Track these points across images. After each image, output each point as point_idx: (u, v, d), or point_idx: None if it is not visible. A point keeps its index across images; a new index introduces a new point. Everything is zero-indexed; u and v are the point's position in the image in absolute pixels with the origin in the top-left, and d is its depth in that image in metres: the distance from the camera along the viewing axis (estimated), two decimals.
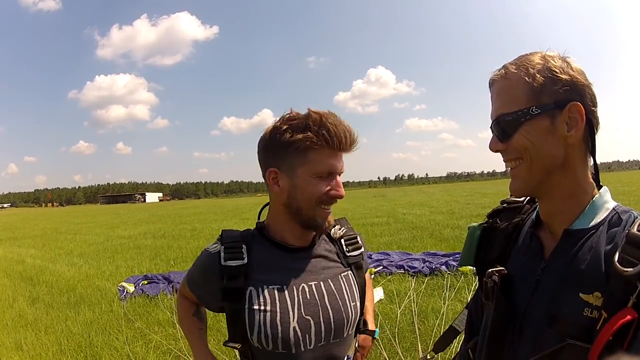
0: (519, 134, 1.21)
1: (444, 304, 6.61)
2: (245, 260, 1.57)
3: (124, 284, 9.38)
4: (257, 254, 1.61)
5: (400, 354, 5.11)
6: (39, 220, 42.45)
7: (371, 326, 1.93)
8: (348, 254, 1.74)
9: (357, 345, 1.89)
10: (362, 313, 1.77)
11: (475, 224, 1.53)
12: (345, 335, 1.65)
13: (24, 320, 7.58)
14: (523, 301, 1.27)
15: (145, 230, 23.89)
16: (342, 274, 1.69)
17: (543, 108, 1.18)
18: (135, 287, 9.11)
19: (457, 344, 3.23)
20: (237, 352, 1.66)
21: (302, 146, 1.50)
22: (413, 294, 7.14)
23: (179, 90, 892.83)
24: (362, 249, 1.81)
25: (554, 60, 1.19)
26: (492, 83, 1.30)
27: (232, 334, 1.59)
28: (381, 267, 9.17)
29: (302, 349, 1.55)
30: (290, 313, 1.54)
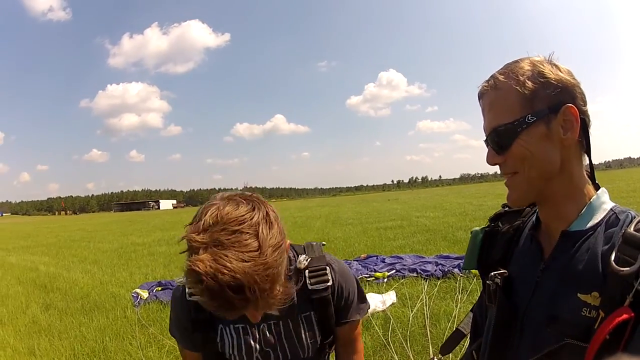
0: (517, 144, 1.20)
1: (456, 306, 6.55)
2: None
3: (137, 290, 9.40)
4: None
5: (412, 357, 5.09)
6: (52, 228, 42.74)
7: None
8: (310, 287, 1.67)
9: None
10: (327, 339, 1.77)
11: (477, 228, 1.54)
12: (303, 358, 1.72)
13: (37, 326, 7.63)
14: (523, 302, 1.28)
15: (159, 237, 23.96)
16: (302, 315, 1.69)
17: (538, 115, 1.17)
18: (149, 293, 9.13)
19: (463, 346, 3.22)
20: None
21: None
22: (425, 297, 7.08)
23: (191, 98, 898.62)
24: (329, 282, 1.68)
25: (542, 65, 1.19)
26: (481, 95, 1.29)
27: (207, 352, 1.70)
28: (394, 270, 9.14)
29: None
30: (253, 346, 1.64)
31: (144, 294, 9.00)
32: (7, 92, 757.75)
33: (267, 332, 1.66)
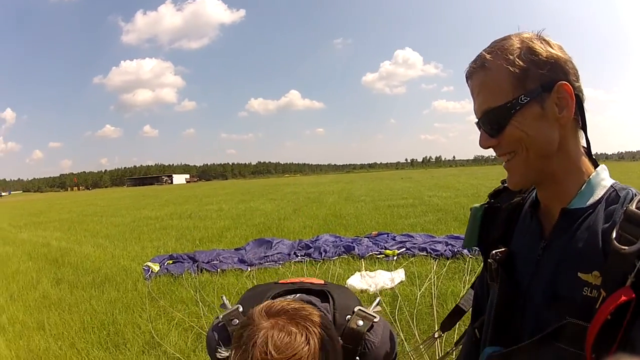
0: (511, 126, 1.17)
1: (464, 287, 6.53)
2: None
3: (149, 263, 9.46)
4: None
5: (417, 335, 5.11)
6: (64, 204, 43.02)
7: None
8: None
9: None
10: None
11: (477, 205, 1.53)
12: None
13: (47, 300, 7.68)
14: (525, 281, 1.27)
15: (172, 211, 24.22)
16: None
17: (531, 94, 1.13)
18: (160, 266, 9.19)
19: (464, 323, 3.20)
20: None
21: None
22: (434, 277, 7.09)
23: (206, 73, 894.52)
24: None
25: (532, 42, 1.15)
26: (469, 76, 1.25)
27: None
28: (404, 249, 9.15)
29: None
30: None
31: (155, 267, 9.06)
32: (19, 72, 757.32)
33: None
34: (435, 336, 2.06)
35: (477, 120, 1.26)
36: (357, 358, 1.63)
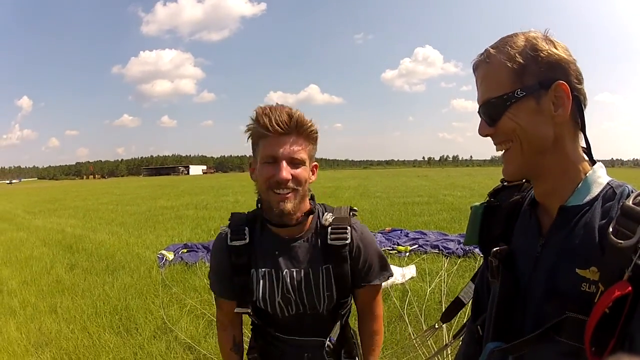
0: (506, 117, 1.22)
1: None
2: (247, 240, 1.84)
3: (163, 251, 9.52)
4: (257, 237, 1.89)
5: (413, 334, 5.10)
6: (80, 192, 43.45)
7: None
8: (329, 242, 1.84)
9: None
10: (344, 298, 1.92)
11: (477, 203, 1.57)
12: (320, 311, 1.88)
13: (61, 285, 7.76)
14: (524, 278, 1.30)
15: (188, 202, 24.38)
16: (322, 267, 1.85)
17: (527, 90, 1.18)
18: (174, 255, 9.24)
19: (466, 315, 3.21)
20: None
21: (253, 136, 1.75)
22: (444, 274, 7.12)
23: (225, 65, 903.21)
24: (347, 241, 1.85)
25: (536, 40, 1.19)
26: (475, 68, 1.31)
27: (242, 301, 1.88)
28: (417, 245, 9.19)
29: (287, 314, 1.88)
30: (276, 291, 1.84)
31: (170, 256, 9.10)
32: (37, 59, 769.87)
33: (289, 279, 1.83)
34: (436, 326, 2.12)
35: (477, 109, 1.32)
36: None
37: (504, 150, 1.29)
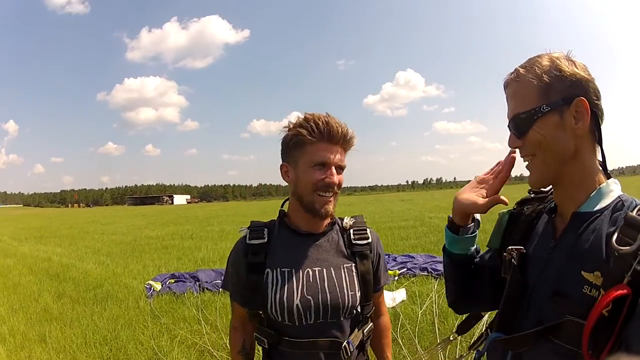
0: (533, 130, 1.34)
1: None
2: (266, 240, 1.92)
3: (151, 282, 9.43)
4: (275, 236, 1.96)
5: (420, 351, 5.21)
6: (65, 220, 43.14)
7: None
8: (354, 242, 1.98)
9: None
10: (366, 300, 1.98)
11: (504, 210, 1.65)
12: (342, 318, 1.89)
13: (48, 314, 7.69)
14: (533, 278, 1.40)
15: (173, 231, 24.16)
16: (344, 265, 1.94)
17: (552, 105, 1.30)
18: (162, 285, 9.17)
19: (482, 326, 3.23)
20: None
21: (300, 141, 1.83)
22: (435, 296, 7.13)
23: (209, 93, 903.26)
24: (369, 240, 2.01)
25: (559, 60, 1.32)
26: (506, 85, 1.44)
27: (254, 304, 1.90)
28: (405, 269, 9.22)
29: (304, 323, 1.84)
30: (295, 292, 1.84)
31: (157, 286, 9.03)
32: (24, 85, 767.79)
33: (311, 278, 1.87)
34: (450, 339, 2.16)
35: (507, 123, 1.43)
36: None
37: (527, 162, 1.41)
